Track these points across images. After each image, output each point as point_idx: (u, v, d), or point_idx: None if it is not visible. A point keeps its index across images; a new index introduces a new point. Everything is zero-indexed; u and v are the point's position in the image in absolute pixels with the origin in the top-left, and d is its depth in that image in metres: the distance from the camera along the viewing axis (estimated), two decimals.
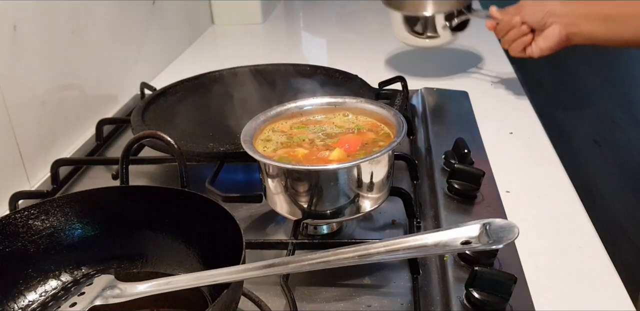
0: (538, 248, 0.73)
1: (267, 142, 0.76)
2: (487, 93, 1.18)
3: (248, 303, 0.64)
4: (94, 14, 1.12)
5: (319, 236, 0.77)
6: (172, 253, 0.66)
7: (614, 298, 0.65)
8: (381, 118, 0.77)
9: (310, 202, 0.70)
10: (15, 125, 0.89)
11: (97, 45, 1.14)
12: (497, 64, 1.32)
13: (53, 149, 0.99)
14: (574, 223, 0.78)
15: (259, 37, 1.73)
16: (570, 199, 0.83)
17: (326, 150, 0.73)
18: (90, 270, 0.66)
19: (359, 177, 0.68)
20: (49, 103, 0.99)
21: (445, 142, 0.93)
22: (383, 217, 0.80)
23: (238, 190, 0.81)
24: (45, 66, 0.98)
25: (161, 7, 1.41)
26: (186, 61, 1.50)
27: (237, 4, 1.76)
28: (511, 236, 0.52)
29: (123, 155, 0.73)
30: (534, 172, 0.90)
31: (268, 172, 0.70)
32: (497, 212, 0.78)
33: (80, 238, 0.67)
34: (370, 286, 0.69)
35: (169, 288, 0.57)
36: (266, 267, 0.55)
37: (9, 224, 0.63)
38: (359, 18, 1.85)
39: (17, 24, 0.90)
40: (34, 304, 0.62)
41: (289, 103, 0.80)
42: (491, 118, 1.06)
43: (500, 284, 0.62)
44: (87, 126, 1.09)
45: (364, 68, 1.17)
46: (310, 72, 1.12)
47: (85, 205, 0.67)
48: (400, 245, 0.54)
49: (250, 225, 0.81)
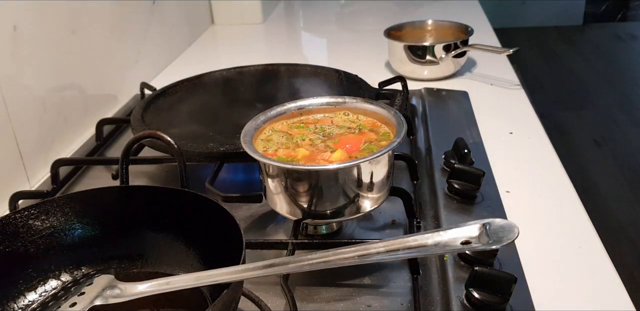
0: (538, 248, 0.73)
1: (267, 142, 0.76)
2: (487, 94, 1.18)
3: (248, 303, 0.64)
4: (94, 14, 1.12)
5: (319, 236, 0.77)
6: (172, 253, 0.66)
7: (614, 298, 0.65)
8: (381, 118, 0.77)
9: (310, 202, 0.70)
10: (15, 125, 0.89)
11: (97, 45, 1.14)
12: (497, 64, 1.32)
13: (53, 149, 0.99)
14: (574, 223, 0.78)
15: (259, 37, 1.73)
16: (570, 199, 0.83)
17: (328, 151, 0.73)
18: (90, 270, 0.66)
19: (359, 177, 0.68)
20: (49, 103, 0.99)
21: (445, 142, 0.93)
22: (383, 217, 0.80)
23: (238, 190, 0.81)
24: (45, 66, 0.98)
25: (161, 7, 1.41)
26: (186, 61, 1.50)
27: (237, 4, 1.76)
28: (511, 237, 0.52)
29: (123, 155, 0.73)
30: (534, 172, 0.90)
31: (268, 172, 0.70)
32: (497, 212, 0.78)
33: (80, 238, 0.67)
34: (370, 286, 0.69)
35: (169, 288, 0.57)
36: (266, 267, 0.55)
37: (9, 224, 0.63)
38: (359, 18, 1.85)
39: (17, 24, 0.90)
40: (34, 304, 0.62)
41: (289, 103, 0.80)
42: (491, 118, 1.06)
43: (500, 284, 0.62)
44: (87, 126, 1.09)
45: (364, 68, 1.17)
46: (310, 72, 1.12)
47: (85, 205, 0.67)
48: (400, 245, 0.54)
49: (250, 225, 0.81)
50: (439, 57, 1.22)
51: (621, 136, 2.92)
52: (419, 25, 1.35)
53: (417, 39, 1.33)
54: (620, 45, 4.15)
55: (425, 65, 1.24)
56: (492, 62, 1.33)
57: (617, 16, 4.47)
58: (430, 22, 1.35)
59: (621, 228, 2.27)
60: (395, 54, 1.27)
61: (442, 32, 1.33)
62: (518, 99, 1.16)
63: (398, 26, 1.33)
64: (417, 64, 1.24)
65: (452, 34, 1.31)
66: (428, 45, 1.23)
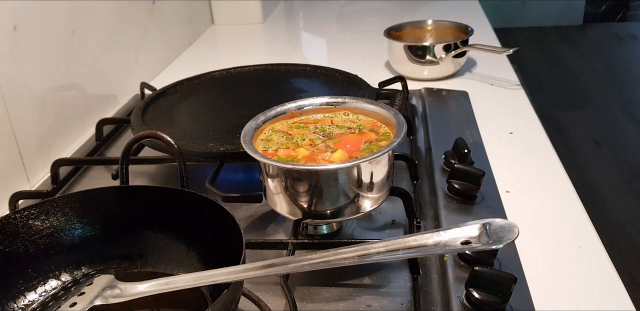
0: (538, 248, 0.73)
1: (267, 142, 0.76)
2: (487, 93, 1.18)
3: (248, 303, 0.64)
4: (94, 14, 1.12)
5: (319, 236, 0.77)
6: (172, 253, 0.66)
7: (614, 298, 0.65)
8: (381, 118, 0.77)
9: (310, 202, 0.70)
10: (15, 125, 0.89)
11: (97, 45, 1.14)
12: (497, 64, 1.32)
13: (53, 149, 0.99)
14: (574, 223, 0.78)
15: (259, 37, 1.73)
16: (570, 199, 0.83)
17: (328, 151, 0.73)
18: (90, 270, 0.66)
19: (359, 177, 0.68)
20: (49, 103, 0.99)
21: (445, 142, 0.93)
22: (383, 217, 0.80)
23: (238, 190, 0.81)
24: (45, 66, 0.98)
25: (161, 7, 1.41)
26: (186, 61, 1.50)
27: (237, 4, 1.76)
28: (511, 237, 0.52)
29: (123, 155, 0.73)
30: (534, 172, 0.90)
31: (268, 172, 0.70)
32: (497, 212, 0.78)
33: (80, 238, 0.67)
34: (370, 286, 0.69)
35: (169, 288, 0.57)
36: (266, 267, 0.55)
37: (9, 224, 0.63)
38: (359, 18, 1.85)
39: (17, 24, 0.90)
40: (34, 304, 0.62)
41: (289, 103, 0.80)
42: (491, 118, 1.06)
43: (500, 284, 0.62)
44: (87, 126, 1.09)
45: (364, 68, 1.17)
46: (310, 72, 1.13)
47: (85, 205, 0.67)
48: (400, 245, 0.54)
49: (250, 225, 0.81)
50: (439, 57, 1.22)
51: (621, 136, 2.92)
52: (419, 25, 1.35)
53: (417, 39, 1.33)
54: (620, 45, 4.15)
55: (425, 65, 1.24)
56: (492, 62, 1.33)
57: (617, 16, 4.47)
58: (430, 22, 1.35)
59: (621, 228, 2.27)
60: (395, 54, 1.28)
61: (442, 32, 1.34)
62: (518, 99, 1.16)
63: (398, 26, 1.33)
64: (417, 64, 1.24)
65: (452, 34, 1.31)
66: (428, 45, 1.23)
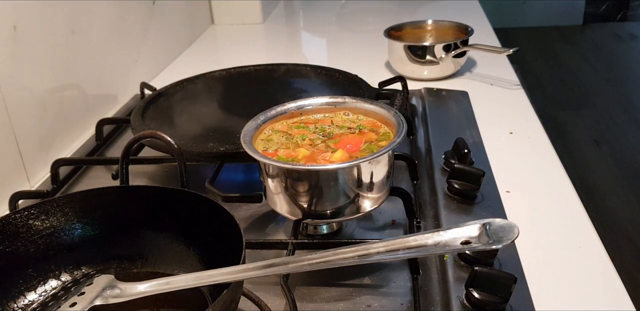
0: (538, 248, 0.73)
1: (268, 142, 0.76)
2: (487, 93, 1.18)
3: (248, 303, 0.64)
4: (93, 14, 1.12)
5: (319, 236, 0.77)
6: (172, 253, 0.66)
7: (614, 298, 0.65)
8: (381, 118, 0.77)
9: (310, 202, 0.70)
10: (15, 125, 0.89)
11: (97, 45, 1.14)
12: (497, 64, 1.32)
13: (53, 149, 0.99)
14: (574, 223, 0.78)
15: (259, 37, 1.73)
16: (570, 199, 0.83)
17: (329, 151, 0.73)
18: (90, 270, 0.66)
19: (359, 177, 0.68)
20: (49, 103, 0.99)
21: (445, 142, 0.93)
22: (383, 217, 0.80)
23: (238, 190, 0.81)
24: (45, 66, 0.98)
25: (161, 7, 1.41)
26: (186, 61, 1.50)
27: (237, 4, 1.76)
28: (511, 236, 0.52)
29: (123, 155, 0.73)
30: (534, 172, 0.90)
31: (268, 172, 0.70)
32: (497, 212, 0.78)
33: (80, 238, 0.67)
34: (370, 286, 0.69)
35: (169, 288, 0.57)
36: (266, 267, 0.55)
37: (9, 224, 0.63)
38: (359, 18, 1.85)
39: (17, 24, 0.90)
40: (34, 304, 0.62)
41: (289, 103, 0.80)
42: (491, 118, 1.06)
43: (500, 284, 0.62)
44: (87, 126, 1.09)
45: (364, 68, 1.17)
46: (310, 72, 1.13)
47: (85, 205, 0.67)
48: (400, 245, 0.54)
49: (250, 225, 0.81)
50: (439, 57, 1.22)
51: (621, 136, 2.92)
52: (419, 25, 1.35)
53: (417, 39, 1.33)
54: (620, 45, 4.15)
55: (425, 65, 1.24)
56: (492, 62, 1.33)
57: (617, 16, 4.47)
58: (430, 22, 1.35)
59: (621, 228, 2.27)
60: (395, 54, 1.28)
61: (442, 32, 1.34)
62: (518, 99, 1.16)
63: (398, 26, 1.33)
64: (417, 63, 1.24)
65: (452, 34, 1.31)
66: (428, 45, 1.23)
